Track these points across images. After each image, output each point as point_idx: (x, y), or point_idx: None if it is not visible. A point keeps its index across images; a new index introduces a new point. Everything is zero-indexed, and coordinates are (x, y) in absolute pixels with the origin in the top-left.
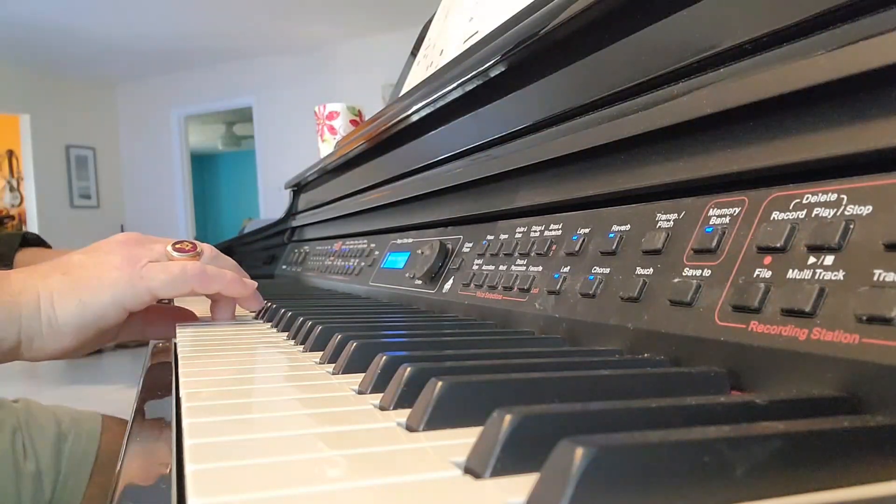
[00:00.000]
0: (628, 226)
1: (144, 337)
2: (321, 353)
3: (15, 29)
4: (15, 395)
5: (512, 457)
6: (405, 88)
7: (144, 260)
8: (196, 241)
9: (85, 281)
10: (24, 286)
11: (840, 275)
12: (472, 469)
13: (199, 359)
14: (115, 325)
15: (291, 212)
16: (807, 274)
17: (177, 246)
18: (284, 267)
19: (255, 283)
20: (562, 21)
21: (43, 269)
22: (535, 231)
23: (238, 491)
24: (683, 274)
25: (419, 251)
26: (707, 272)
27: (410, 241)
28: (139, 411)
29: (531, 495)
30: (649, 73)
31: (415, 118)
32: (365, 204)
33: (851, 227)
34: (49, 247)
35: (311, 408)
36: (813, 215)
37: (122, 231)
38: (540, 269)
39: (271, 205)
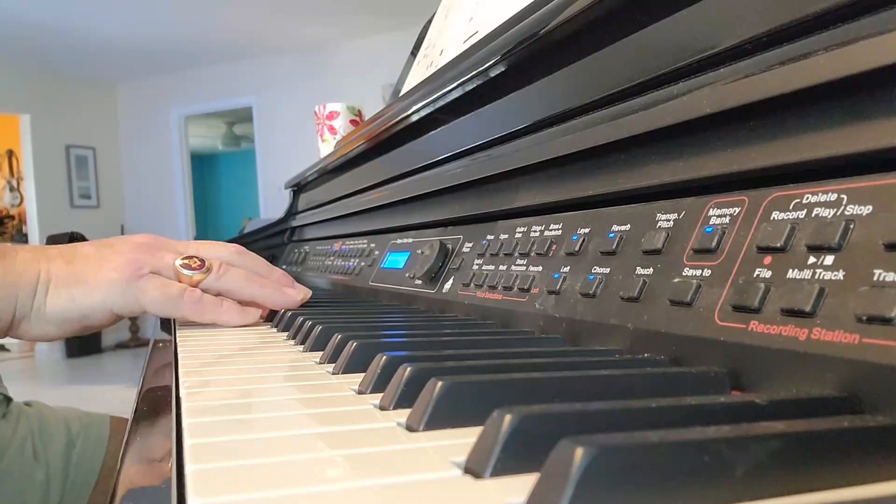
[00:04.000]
0: (628, 226)
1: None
2: (321, 352)
3: (15, 29)
4: (15, 395)
5: (512, 457)
6: (405, 88)
7: (146, 269)
8: (205, 258)
9: (82, 276)
10: (26, 267)
11: (840, 275)
12: (472, 469)
13: (199, 359)
14: (101, 325)
15: (291, 212)
16: (807, 274)
17: (184, 262)
18: (284, 267)
19: (256, 312)
20: (562, 21)
21: (51, 252)
22: (535, 231)
23: (238, 491)
24: (683, 274)
25: (419, 251)
26: (707, 272)
27: (410, 241)
28: (139, 411)
29: (531, 495)
30: (649, 73)
31: (415, 118)
32: (365, 204)
33: (851, 227)
34: None
35: (311, 408)
36: (813, 215)
37: (122, 231)
38: (540, 269)
39: (271, 205)
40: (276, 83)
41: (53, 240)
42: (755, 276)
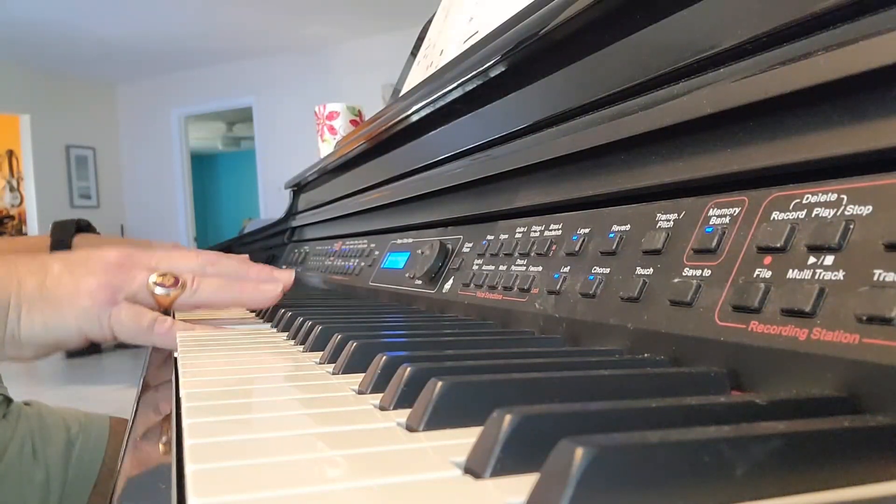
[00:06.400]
0: (628, 226)
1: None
2: (321, 353)
3: (15, 29)
4: (15, 395)
5: (512, 457)
6: (405, 88)
7: (120, 296)
8: (178, 274)
9: (56, 301)
10: None
11: (840, 275)
12: (472, 469)
13: (199, 359)
14: (76, 347)
15: (291, 212)
16: (807, 274)
17: (158, 280)
18: (284, 267)
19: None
20: (562, 21)
21: (23, 270)
22: (535, 231)
23: (238, 491)
24: (683, 274)
25: (419, 251)
26: (707, 272)
27: (410, 241)
28: (139, 411)
29: (531, 495)
30: (649, 73)
31: (415, 118)
32: (365, 204)
33: (851, 227)
34: (98, 233)
35: (311, 408)
36: (813, 215)
37: (122, 231)
38: (540, 269)
39: (271, 205)
40: (276, 83)
41: (60, 226)
42: (755, 276)
